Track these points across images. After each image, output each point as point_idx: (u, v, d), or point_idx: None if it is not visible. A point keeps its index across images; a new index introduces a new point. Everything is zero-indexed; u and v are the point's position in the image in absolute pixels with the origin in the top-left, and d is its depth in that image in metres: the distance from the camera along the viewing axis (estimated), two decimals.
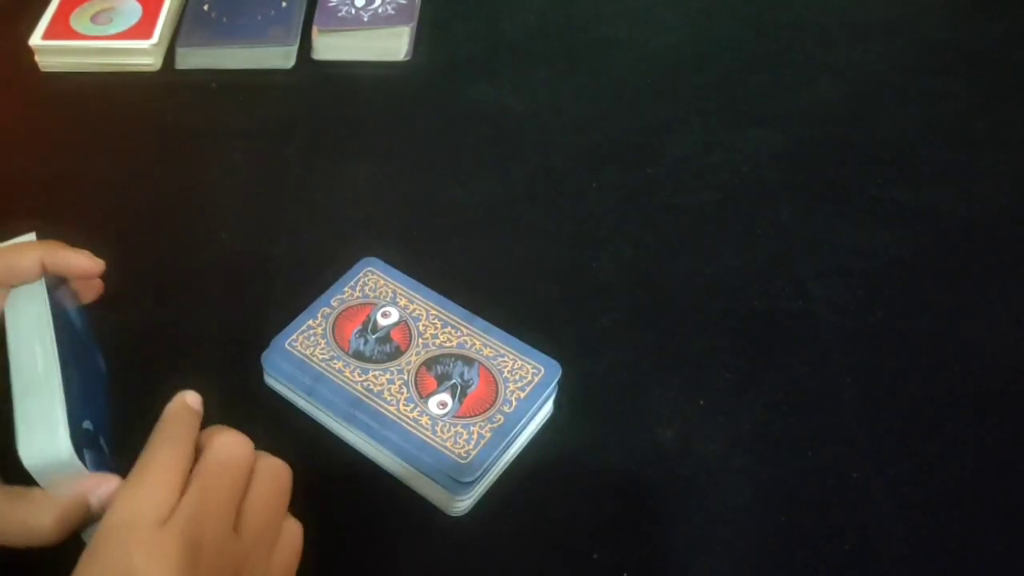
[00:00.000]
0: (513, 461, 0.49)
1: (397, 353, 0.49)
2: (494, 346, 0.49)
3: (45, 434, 0.37)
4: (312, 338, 0.50)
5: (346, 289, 0.53)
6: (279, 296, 0.57)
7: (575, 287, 0.57)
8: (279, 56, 0.73)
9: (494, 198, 0.63)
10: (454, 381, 0.48)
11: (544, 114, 0.69)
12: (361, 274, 0.53)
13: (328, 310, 0.52)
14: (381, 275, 0.53)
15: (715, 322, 0.55)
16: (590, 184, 0.63)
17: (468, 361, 0.49)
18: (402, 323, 0.51)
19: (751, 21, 0.75)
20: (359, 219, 0.62)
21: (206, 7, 0.75)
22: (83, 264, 0.44)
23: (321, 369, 0.49)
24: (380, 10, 0.72)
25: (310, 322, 0.51)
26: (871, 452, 0.50)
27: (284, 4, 0.75)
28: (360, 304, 0.52)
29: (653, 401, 0.52)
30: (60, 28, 0.73)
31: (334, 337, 0.50)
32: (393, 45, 0.73)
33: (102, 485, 0.39)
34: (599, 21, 0.76)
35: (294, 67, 0.73)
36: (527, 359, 0.49)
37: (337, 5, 0.73)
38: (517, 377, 0.48)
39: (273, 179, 0.65)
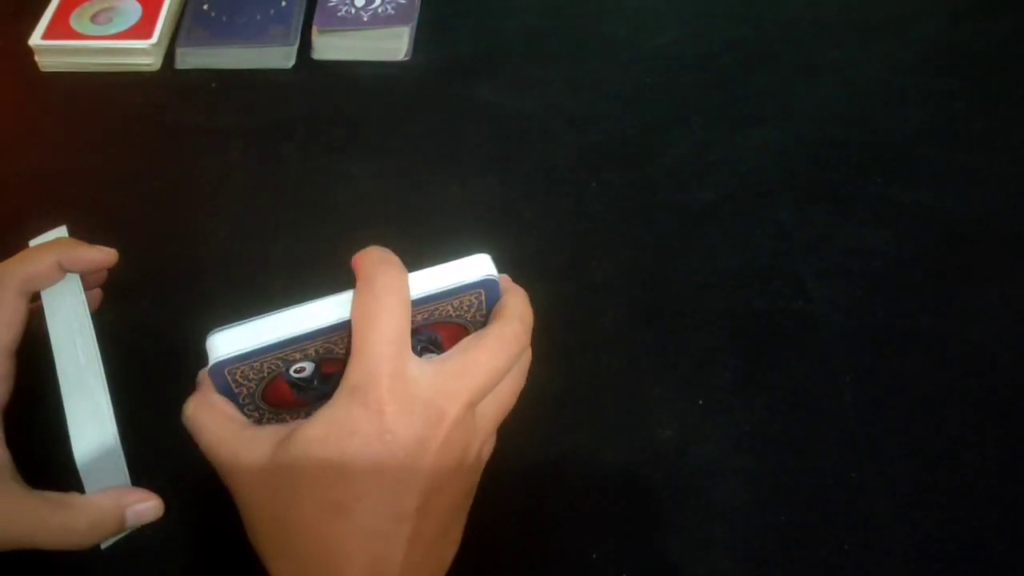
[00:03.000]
0: (511, 461, 0.49)
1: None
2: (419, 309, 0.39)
3: (92, 422, 0.39)
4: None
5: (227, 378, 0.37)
6: (277, 295, 0.57)
7: (575, 287, 0.57)
8: (279, 56, 0.73)
9: (494, 198, 0.63)
10: (423, 344, 0.40)
11: (544, 114, 0.69)
12: (225, 374, 0.36)
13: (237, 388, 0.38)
14: (242, 363, 0.36)
15: (715, 322, 0.55)
16: (590, 184, 0.63)
17: (414, 333, 0.38)
18: (322, 360, 0.38)
19: (751, 21, 0.75)
20: (358, 219, 0.62)
21: (206, 7, 0.75)
22: (97, 257, 0.45)
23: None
24: (380, 10, 0.72)
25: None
26: (871, 452, 0.50)
27: (284, 4, 0.75)
28: (258, 380, 0.37)
29: (653, 401, 0.52)
30: (60, 28, 0.73)
31: (277, 406, 0.39)
32: (393, 45, 0.73)
33: (140, 503, 0.40)
34: (599, 21, 0.76)
35: (294, 67, 0.73)
36: (456, 296, 0.39)
37: (337, 5, 0.73)
38: (466, 307, 0.39)
39: (272, 179, 0.65)
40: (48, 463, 0.38)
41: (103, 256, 0.45)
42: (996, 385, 0.52)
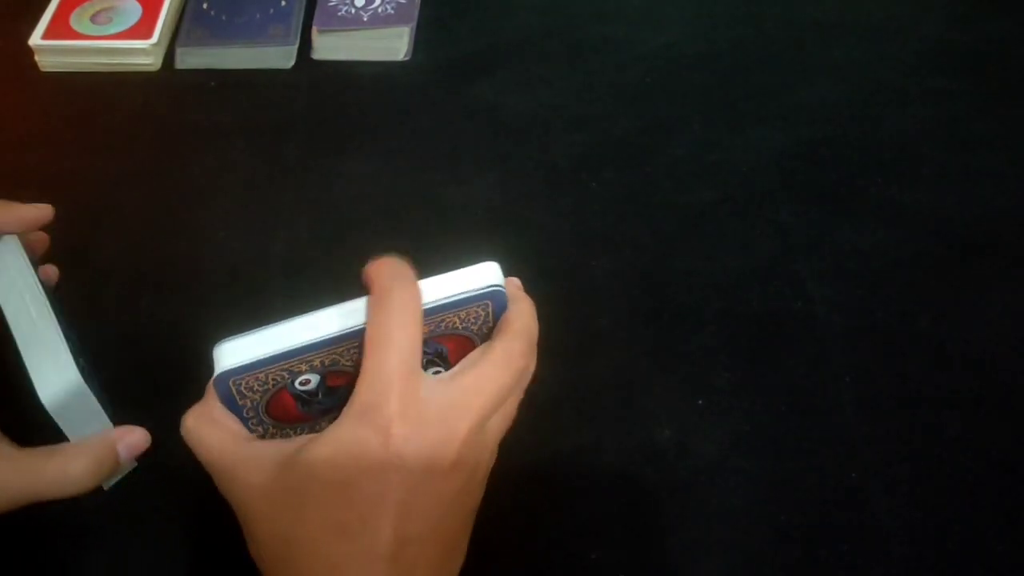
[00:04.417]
0: (511, 461, 0.49)
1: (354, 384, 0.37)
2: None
3: (53, 367, 0.39)
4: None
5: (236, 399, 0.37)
6: (278, 295, 0.57)
7: (575, 287, 0.57)
8: (279, 56, 0.73)
9: (494, 198, 0.63)
10: (428, 357, 0.40)
11: (544, 114, 0.69)
12: (230, 384, 0.36)
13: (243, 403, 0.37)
14: (246, 374, 0.36)
15: (714, 322, 0.55)
16: (590, 184, 0.63)
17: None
18: (328, 373, 0.38)
19: (751, 21, 0.75)
20: (358, 219, 0.62)
21: (206, 6, 0.75)
22: (33, 214, 0.45)
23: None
24: (380, 10, 0.72)
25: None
26: (871, 452, 0.49)
27: (284, 3, 0.75)
28: (263, 392, 0.37)
29: (652, 401, 0.52)
30: (60, 28, 0.73)
31: (282, 420, 0.39)
32: (393, 45, 0.73)
33: (128, 436, 0.41)
34: (599, 21, 0.76)
35: (294, 67, 0.73)
36: (464, 308, 0.38)
37: (337, 5, 0.73)
38: (473, 319, 0.39)
39: (272, 179, 0.65)
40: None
41: (38, 212, 0.45)
42: (996, 385, 0.52)
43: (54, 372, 0.39)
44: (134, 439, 0.41)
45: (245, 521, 0.36)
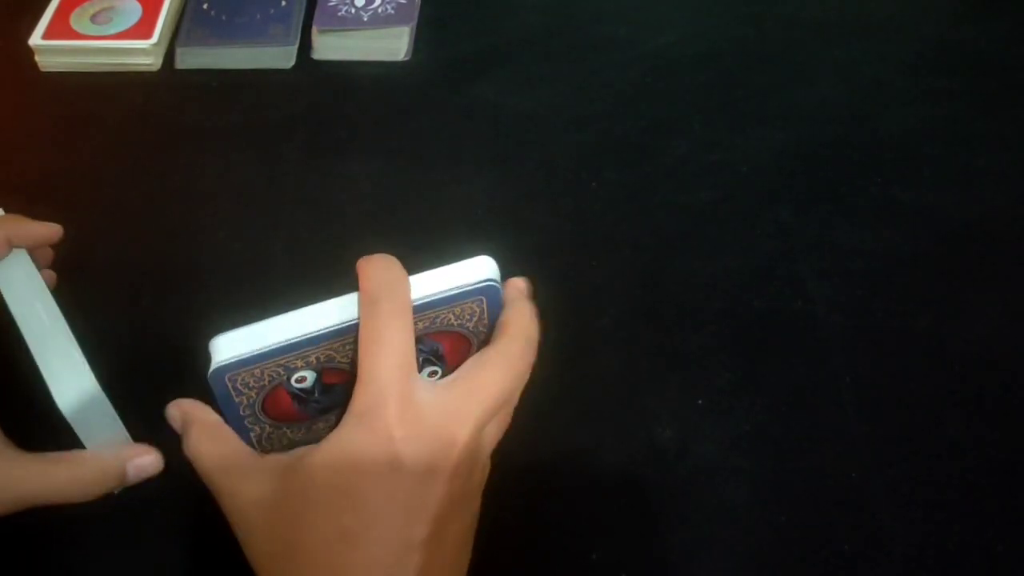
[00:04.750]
0: (511, 462, 0.49)
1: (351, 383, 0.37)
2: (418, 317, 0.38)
3: (69, 373, 0.39)
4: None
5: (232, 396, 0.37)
6: (277, 295, 0.57)
7: (575, 287, 0.57)
8: (279, 56, 0.73)
9: (494, 198, 0.63)
10: (424, 355, 0.39)
11: (544, 114, 0.68)
12: (226, 380, 0.36)
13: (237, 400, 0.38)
14: (242, 369, 0.36)
15: (714, 322, 0.55)
16: (590, 184, 0.63)
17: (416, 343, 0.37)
18: (324, 370, 0.38)
19: (751, 20, 0.75)
20: (358, 219, 0.62)
21: (206, 7, 0.75)
22: (44, 232, 0.45)
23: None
24: (380, 10, 0.72)
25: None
26: (871, 452, 0.49)
27: (284, 3, 0.75)
28: (259, 389, 0.37)
29: (652, 401, 0.52)
30: (60, 28, 0.73)
31: (278, 419, 0.39)
32: (393, 45, 0.73)
33: (140, 457, 0.41)
34: (599, 21, 0.76)
35: (294, 67, 0.73)
36: (458, 304, 0.38)
37: (337, 5, 0.73)
38: (467, 315, 0.39)
39: (272, 179, 0.65)
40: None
41: (48, 231, 0.46)
42: (996, 385, 0.52)
43: (70, 378, 0.39)
44: (146, 462, 0.41)
45: (245, 535, 0.36)
